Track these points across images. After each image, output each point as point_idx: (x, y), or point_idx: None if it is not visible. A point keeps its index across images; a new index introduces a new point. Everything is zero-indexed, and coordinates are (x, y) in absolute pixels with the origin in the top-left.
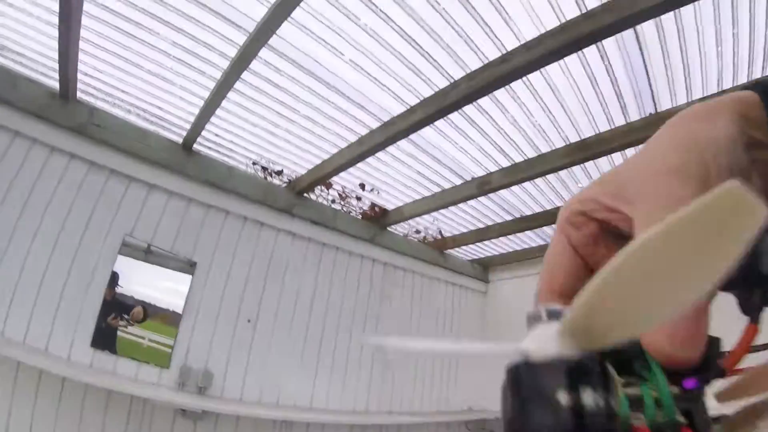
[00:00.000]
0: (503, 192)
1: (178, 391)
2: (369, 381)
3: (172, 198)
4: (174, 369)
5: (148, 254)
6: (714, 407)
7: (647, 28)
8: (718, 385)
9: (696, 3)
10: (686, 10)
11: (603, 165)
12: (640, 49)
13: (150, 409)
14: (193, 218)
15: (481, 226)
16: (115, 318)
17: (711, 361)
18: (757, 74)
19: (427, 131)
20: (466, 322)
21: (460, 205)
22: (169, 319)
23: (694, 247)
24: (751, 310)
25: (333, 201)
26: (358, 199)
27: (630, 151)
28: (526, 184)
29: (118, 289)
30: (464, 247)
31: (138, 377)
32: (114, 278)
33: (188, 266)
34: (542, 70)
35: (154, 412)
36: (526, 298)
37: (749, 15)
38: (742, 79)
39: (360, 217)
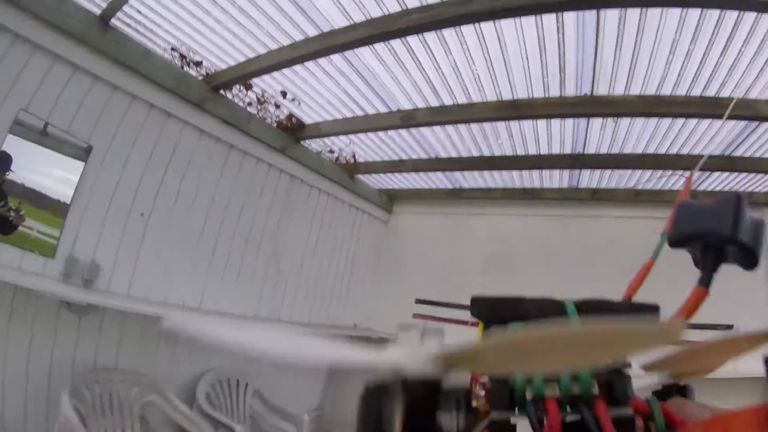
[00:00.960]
0: (425, 129)
1: (63, 283)
2: (261, 289)
3: (77, 73)
4: (59, 259)
5: (43, 136)
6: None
7: (611, 14)
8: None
9: (665, 9)
10: (653, 12)
11: (527, 127)
12: (597, 32)
13: (34, 300)
14: (96, 98)
15: (396, 158)
16: (3, 206)
17: (650, 333)
18: (698, 92)
19: (364, 51)
20: (364, 248)
21: (380, 133)
22: (59, 211)
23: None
24: (704, 270)
25: (249, 104)
26: (277, 106)
27: (555, 122)
28: (449, 128)
29: (9, 175)
30: (374, 175)
31: (22, 266)
32: (6, 161)
33: (83, 153)
34: (497, 21)
35: (38, 304)
36: (424, 234)
37: (709, 38)
38: (681, 92)
39: (275, 125)
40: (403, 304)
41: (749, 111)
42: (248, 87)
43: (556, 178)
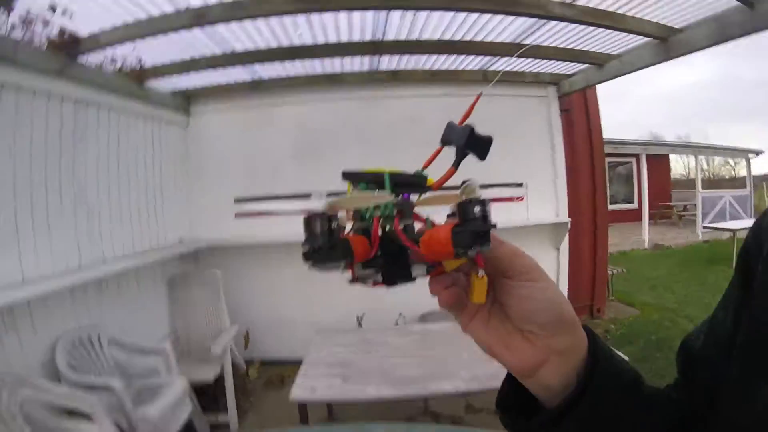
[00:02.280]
0: (219, 26)
1: None
2: (76, 235)
3: None
4: None
5: None
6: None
7: None
8: (422, 197)
9: None
10: None
11: (327, 18)
12: None
13: None
14: None
15: (188, 57)
16: None
17: (423, 188)
18: None
19: None
20: (167, 158)
21: (169, 33)
22: None
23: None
24: (456, 157)
25: (12, 27)
26: (46, 23)
27: (356, 13)
28: (246, 22)
29: None
30: (167, 78)
31: None
32: None
33: None
34: None
35: None
36: (228, 132)
37: None
38: None
39: (46, 46)
40: (222, 205)
41: (539, 10)
42: (8, 8)
43: (357, 63)
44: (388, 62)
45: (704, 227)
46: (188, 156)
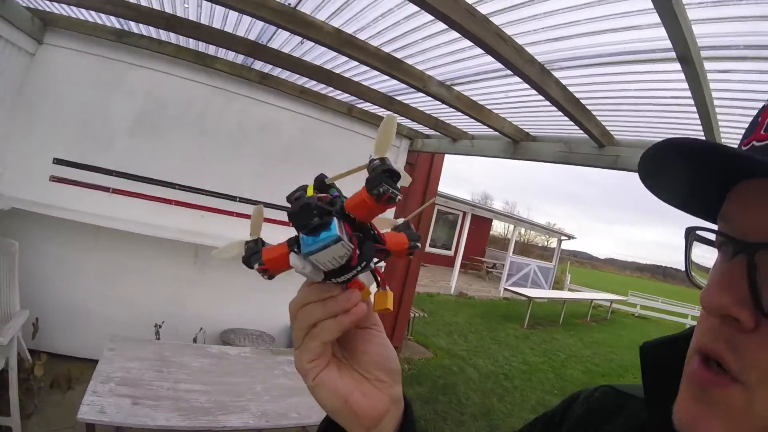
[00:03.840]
0: None
1: None
2: None
3: None
4: None
5: None
6: None
7: None
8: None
9: None
10: None
11: (219, 9)
12: None
13: None
14: None
15: None
16: None
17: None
18: (388, 49)
19: None
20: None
21: None
22: None
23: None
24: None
25: None
26: None
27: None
28: None
29: None
30: None
31: None
32: None
33: None
34: None
35: None
36: (75, 78)
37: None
38: (374, 43)
39: None
40: (41, 161)
41: (419, 83)
42: None
43: (231, 55)
44: (261, 66)
45: (506, 288)
46: (23, 91)
